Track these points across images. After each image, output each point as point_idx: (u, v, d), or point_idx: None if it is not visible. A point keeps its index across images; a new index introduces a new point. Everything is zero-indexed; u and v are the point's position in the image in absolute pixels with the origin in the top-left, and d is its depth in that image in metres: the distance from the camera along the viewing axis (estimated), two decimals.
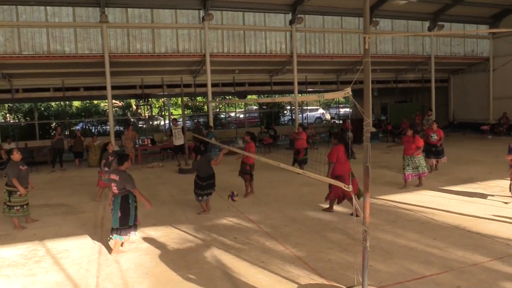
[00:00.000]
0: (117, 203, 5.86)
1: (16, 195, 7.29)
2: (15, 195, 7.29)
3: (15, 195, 7.29)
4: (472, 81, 23.36)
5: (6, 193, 7.31)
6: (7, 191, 7.30)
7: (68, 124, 23.52)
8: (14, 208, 7.32)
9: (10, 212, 7.33)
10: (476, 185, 9.47)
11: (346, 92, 3.82)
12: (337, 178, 6.75)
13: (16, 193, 7.29)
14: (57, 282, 4.99)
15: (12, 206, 7.31)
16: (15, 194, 7.28)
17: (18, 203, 7.35)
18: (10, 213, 7.33)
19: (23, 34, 14.66)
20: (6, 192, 7.31)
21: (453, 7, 19.61)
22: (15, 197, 7.29)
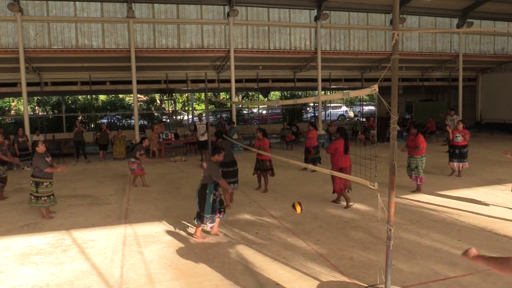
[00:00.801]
0: (197, 190, 6.25)
1: (43, 186, 7.47)
2: (42, 186, 7.46)
3: (42, 186, 7.46)
4: (502, 80, 22.72)
5: (33, 184, 7.48)
6: (34, 182, 7.47)
7: (94, 118, 23.99)
8: (42, 199, 7.51)
9: (38, 202, 7.50)
10: (504, 187, 9.23)
11: (373, 89, 3.78)
12: (341, 170, 7.23)
13: (44, 183, 7.47)
14: (82, 271, 5.11)
15: (40, 197, 7.49)
16: (42, 185, 7.46)
17: (46, 194, 7.54)
18: (38, 203, 7.51)
19: (53, 29, 15.02)
20: (33, 183, 7.48)
21: (483, 3, 19.10)
22: (42, 187, 7.47)
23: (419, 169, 8.97)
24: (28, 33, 14.83)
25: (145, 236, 6.37)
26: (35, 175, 7.48)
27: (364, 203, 8.08)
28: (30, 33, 14.85)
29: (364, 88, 4.10)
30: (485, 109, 23.76)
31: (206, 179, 6.10)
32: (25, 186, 10.71)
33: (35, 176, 7.48)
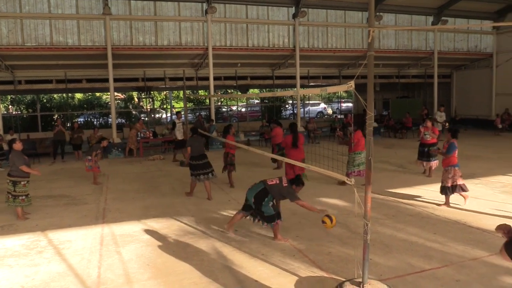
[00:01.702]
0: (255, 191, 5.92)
1: (20, 184, 7.34)
2: (19, 185, 7.33)
3: (19, 185, 7.33)
4: (475, 77, 23.30)
5: (10, 183, 7.33)
6: (11, 181, 7.33)
7: (70, 116, 23.55)
8: (19, 198, 7.37)
9: (15, 201, 7.36)
10: (478, 181, 9.49)
11: (349, 85, 3.83)
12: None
13: (21, 182, 7.34)
14: (59, 272, 5.02)
15: (17, 196, 7.35)
16: (19, 184, 7.33)
17: (23, 193, 7.40)
18: (15, 203, 7.37)
19: (26, 26, 14.64)
20: (10, 183, 7.34)
21: (458, 2, 19.50)
22: (19, 186, 7.33)
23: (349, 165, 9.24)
24: (0, 30, 14.43)
25: (123, 236, 6.30)
26: (12, 174, 7.34)
27: (342, 198, 8.18)
28: (2, 30, 14.44)
29: (342, 85, 4.14)
30: (460, 105, 24.32)
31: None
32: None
33: (12, 175, 7.34)
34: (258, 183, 5.97)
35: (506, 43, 21.51)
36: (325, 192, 8.78)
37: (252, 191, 5.88)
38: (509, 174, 10.11)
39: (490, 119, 21.27)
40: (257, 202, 5.78)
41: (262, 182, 5.92)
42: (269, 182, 5.88)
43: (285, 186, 5.86)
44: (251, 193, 5.89)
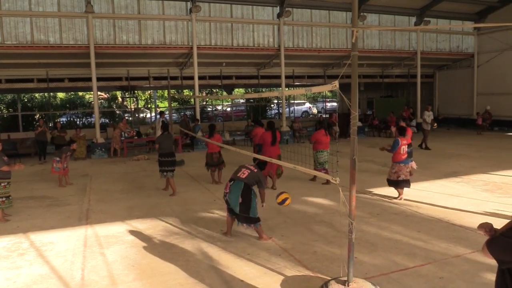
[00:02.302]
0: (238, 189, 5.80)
1: (1, 186, 7.17)
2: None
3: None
4: (457, 77, 23.70)
5: None
6: None
7: (52, 116, 23.20)
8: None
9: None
10: (459, 179, 9.64)
11: (333, 85, 3.84)
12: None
13: (1, 184, 7.17)
14: (41, 275, 4.93)
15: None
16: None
17: (4, 194, 7.23)
18: None
19: (6, 23, 14.33)
20: None
21: (440, 3, 19.81)
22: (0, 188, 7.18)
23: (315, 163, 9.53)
24: None
25: (107, 237, 6.22)
26: None
27: (327, 197, 8.22)
28: None
29: (326, 84, 4.16)
30: (442, 105, 24.69)
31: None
32: None
33: None
34: (234, 184, 5.81)
35: (487, 43, 21.90)
36: (310, 192, 8.81)
37: (235, 193, 5.73)
38: (491, 173, 10.29)
39: (472, 118, 21.63)
40: (245, 200, 5.71)
41: (237, 181, 5.81)
42: (243, 175, 5.85)
43: (257, 171, 5.98)
44: (234, 196, 5.74)
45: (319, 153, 9.58)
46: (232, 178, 5.93)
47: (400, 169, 7.94)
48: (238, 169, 6.03)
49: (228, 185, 5.90)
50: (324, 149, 9.55)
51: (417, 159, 12.42)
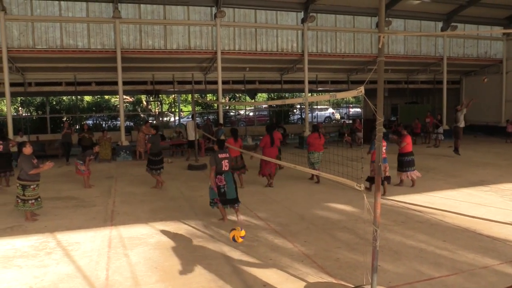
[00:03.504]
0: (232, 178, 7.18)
1: (30, 188, 7.35)
2: (29, 189, 7.34)
3: (29, 189, 7.34)
4: (485, 83, 23.08)
5: (20, 187, 7.34)
6: (21, 185, 7.33)
7: (79, 119, 23.72)
8: (29, 202, 7.39)
9: (25, 205, 7.38)
10: (487, 188, 9.39)
11: (359, 91, 3.82)
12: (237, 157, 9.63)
13: (30, 186, 7.35)
14: (67, 274, 5.04)
15: (27, 200, 7.37)
16: (29, 188, 7.34)
17: (33, 197, 7.43)
18: (25, 206, 7.38)
19: (37, 28, 14.79)
20: (20, 186, 7.34)
21: (467, 8, 19.42)
22: (29, 190, 7.35)
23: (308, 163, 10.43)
24: (11, 33, 14.57)
25: (131, 238, 6.32)
26: (21, 178, 7.34)
27: (350, 204, 8.14)
28: (13, 33, 14.60)
29: (351, 90, 4.13)
30: (469, 112, 24.05)
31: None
32: (8, 189, 10.55)
33: (21, 179, 7.34)
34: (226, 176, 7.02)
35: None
36: (333, 197, 8.75)
37: (230, 183, 7.05)
38: None
39: (500, 125, 21.07)
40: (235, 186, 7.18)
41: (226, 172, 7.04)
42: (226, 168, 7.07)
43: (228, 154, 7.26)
44: (231, 185, 7.05)
45: (310, 154, 10.43)
46: (222, 171, 6.99)
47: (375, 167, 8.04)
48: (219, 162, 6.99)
49: (221, 178, 6.98)
50: (316, 151, 10.36)
51: (443, 167, 12.22)
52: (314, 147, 10.34)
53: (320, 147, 10.37)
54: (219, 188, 6.97)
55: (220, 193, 6.97)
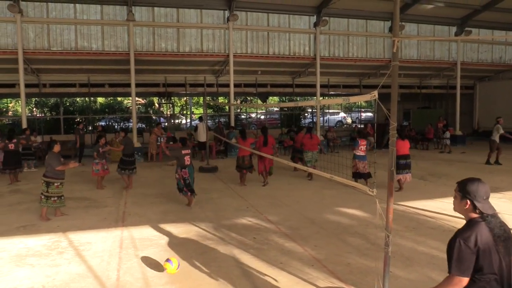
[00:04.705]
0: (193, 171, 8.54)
1: (53, 186, 7.52)
2: (52, 186, 7.51)
3: (52, 186, 7.51)
4: (499, 89, 22.82)
5: (44, 184, 7.51)
6: (45, 182, 7.50)
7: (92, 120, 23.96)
8: (51, 199, 7.53)
9: (47, 202, 7.53)
10: (501, 195, 9.26)
11: (372, 95, 3.79)
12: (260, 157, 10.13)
13: (54, 184, 7.52)
14: (79, 274, 5.09)
15: (50, 197, 7.51)
16: (53, 185, 7.51)
17: (56, 194, 7.57)
18: (47, 203, 7.53)
19: (52, 31, 15.01)
20: (44, 183, 7.51)
21: (482, 12, 19.21)
22: (52, 188, 7.51)
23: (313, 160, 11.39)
24: (27, 34, 14.81)
25: (142, 240, 6.35)
26: (47, 175, 7.51)
27: (361, 209, 8.09)
28: (29, 35, 14.84)
29: (364, 94, 4.11)
30: (483, 117, 23.83)
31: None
32: (22, 188, 10.71)
33: (46, 176, 7.51)
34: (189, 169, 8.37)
35: None
36: (344, 202, 8.70)
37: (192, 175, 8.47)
38: None
39: None
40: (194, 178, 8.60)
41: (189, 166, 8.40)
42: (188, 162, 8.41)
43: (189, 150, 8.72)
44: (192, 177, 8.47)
45: (304, 153, 11.39)
46: (185, 165, 8.32)
47: (355, 163, 9.97)
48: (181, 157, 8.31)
49: (186, 172, 8.27)
50: (309, 150, 11.28)
51: (455, 173, 12.09)
52: (307, 146, 11.28)
53: (313, 147, 11.31)
54: (185, 179, 8.32)
55: (186, 184, 8.31)
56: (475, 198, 2.49)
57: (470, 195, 2.51)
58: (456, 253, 2.38)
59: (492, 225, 2.43)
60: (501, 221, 2.48)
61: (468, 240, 2.37)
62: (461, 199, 2.56)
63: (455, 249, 2.39)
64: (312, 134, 11.54)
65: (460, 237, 2.40)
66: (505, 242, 2.42)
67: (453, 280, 2.42)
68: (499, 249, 2.39)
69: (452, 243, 2.44)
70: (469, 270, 2.38)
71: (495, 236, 2.40)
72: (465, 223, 2.54)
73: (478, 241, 2.36)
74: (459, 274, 2.39)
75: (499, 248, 2.39)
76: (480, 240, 2.36)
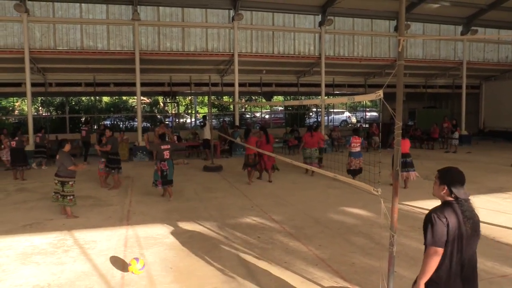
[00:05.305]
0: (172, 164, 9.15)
1: (68, 185, 7.58)
2: (67, 185, 7.57)
3: (67, 185, 7.57)
4: (505, 89, 22.66)
5: (59, 184, 7.55)
6: (60, 181, 7.55)
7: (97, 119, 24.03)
8: (67, 198, 7.59)
9: (64, 201, 7.58)
10: (507, 195, 9.21)
11: (377, 94, 3.79)
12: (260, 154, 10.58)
13: (69, 183, 7.58)
14: (84, 272, 5.11)
15: (66, 196, 7.56)
16: (67, 184, 7.57)
17: (71, 193, 7.64)
18: (64, 202, 7.59)
19: (58, 30, 15.09)
20: (59, 183, 7.55)
21: (488, 12, 19.11)
22: (67, 187, 7.57)
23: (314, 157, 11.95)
24: (33, 34, 14.90)
25: (147, 238, 6.37)
26: (60, 175, 7.55)
27: (365, 208, 8.07)
28: (35, 34, 14.92)
29: (369, 94, 4.10)
30: (488, 117, 23.71)
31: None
32: (28, 186, 10.77)
33: (60, 175, 7.55)
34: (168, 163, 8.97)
35: None
36: (348, 202, 8.69)
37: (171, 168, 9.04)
38: None
39: None
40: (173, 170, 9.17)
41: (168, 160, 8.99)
42: (168, 156, 9.03)
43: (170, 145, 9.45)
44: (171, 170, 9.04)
45: (303, 150, 12.04)
46: (164, 159, 8.92)
47: (350, 160, 10.56)
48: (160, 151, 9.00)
49: (164, 164, 8.90)
50: (308, 147, 11.84)
51: None
52: (307, 144, 11.88)
53: (313, 144, 11.83)
54: (163, 171, 8.91)
55: (163, 176, 8.90)
56: (452, 184, 2.81)
57: (447, 181, 2.83)
58: (430, 227, 2.68)
59: (464, 208, 2.74)
60: (472, 207, 2.81)
61: (441, 216, 2.68)
62: (440, 185, 2.86)
63: (429, 223, 2.69)
64: (313, 132, 12.01)
65: (434, 213, 2.72)
66: (473, 224, 2.73)
67: (429, 251, 2.70)
68: (466, 229, 2.69)
69: (427, 218, 2.74)
70: (443, 241, 2.66)
71: (465, 217, 2.71)
72: (441, 203, 2.86)
73: (448, 218, 2.67)
74: (434, 245, 2.67)
75: (467, 228, 2.69)
76: (449, 217, 2.68)
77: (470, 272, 2.82)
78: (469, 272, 2.81)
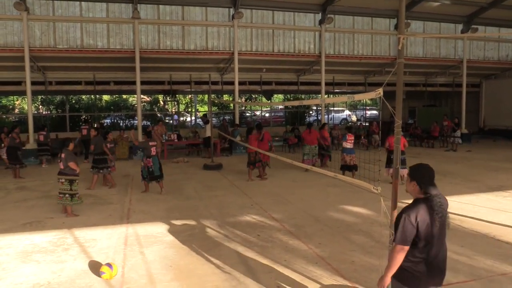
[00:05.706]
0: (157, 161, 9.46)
1: (75, 183, 7.61)
2: (75, 184, 7.60)
3: (75, 184, 7.60)
4: (505, 87, 22.65)
5: (67, 183, 7.54)
6: (67, 180, 7.54)
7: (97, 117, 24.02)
8: (76, 196, 7.62)
9: (73, 200, 7.59)
10: (507, 193, 9.21)
11: (377, 93, 3.78)
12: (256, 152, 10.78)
13: (75, 181, 7.61)
14: (84, 270, 5.12)
15: (74, 194, 7.59)
16: (74, 183, 7.60)
17: (77, 191, 7.67)
18: (73, 201, 7.60)
19: (58, 28, 15.08)
20: (67, 182, 7.54)
21: (488, 10, 19.09)
22: (75, 185, 7.61)
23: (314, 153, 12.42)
24: (33, 32, 14.88)
25: (147, 237, 6.38)
26: (68, 173, 7.54)
27: (365, 206, 8.07)
28: (35, 32, 14.91)
29: (369, 92, 4.09)
30: (489, 116, 23.70)
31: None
32: (28, 184, 10.77)
33: (68, 174, 7.54)
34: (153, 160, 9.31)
35: None
36: (348, 200, 8.69)
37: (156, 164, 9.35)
38: None
39: None
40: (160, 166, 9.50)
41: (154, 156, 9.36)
42: (154, 152, 9.43)
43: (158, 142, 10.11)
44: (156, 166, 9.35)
45: (303, 147, 12.55)
46: (150, 155, 9.30)
47: (343, 157, 10.96)
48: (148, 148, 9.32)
49: (149, 161, 9.28)
50: (307, 144, 12.29)
51: (461, 172, 12.04)
52: (306, 141, 12.35)
53: (311, 141, 12.27)
54: (148, 168, 9.29)
55: (149, 172, 9.31)
56: (422, 181, 2.93)
57: (417, 178, 2.96)
58: (400, 226, 2.82)
59: (433, 203, 2.87)
60: (441, 201, 2.92)
61: (411, 216, 2.81)
62: (411, 181, 2.99)
63: (400, 223, 2.83)
64: (311, 129, 12.45)
65: (405, 214, 2.84)
66: (441, 218, 2.88)
67: (397, 248, 2.85)
68: (435, 223, 2.84)
69: (398, 218, 2.89)
70: (409, 240, 2.82)
71: (433, 212, 2.84)
72: (412, 201, 2.98)
73: (417, 217, 2.81)
74: (401, 243, 2.83)
75: (436, 222, 2.84)
76: (419, 216, 2.81)
77: (442, 263, 3.01)
78: (441, 263, 3.00)
